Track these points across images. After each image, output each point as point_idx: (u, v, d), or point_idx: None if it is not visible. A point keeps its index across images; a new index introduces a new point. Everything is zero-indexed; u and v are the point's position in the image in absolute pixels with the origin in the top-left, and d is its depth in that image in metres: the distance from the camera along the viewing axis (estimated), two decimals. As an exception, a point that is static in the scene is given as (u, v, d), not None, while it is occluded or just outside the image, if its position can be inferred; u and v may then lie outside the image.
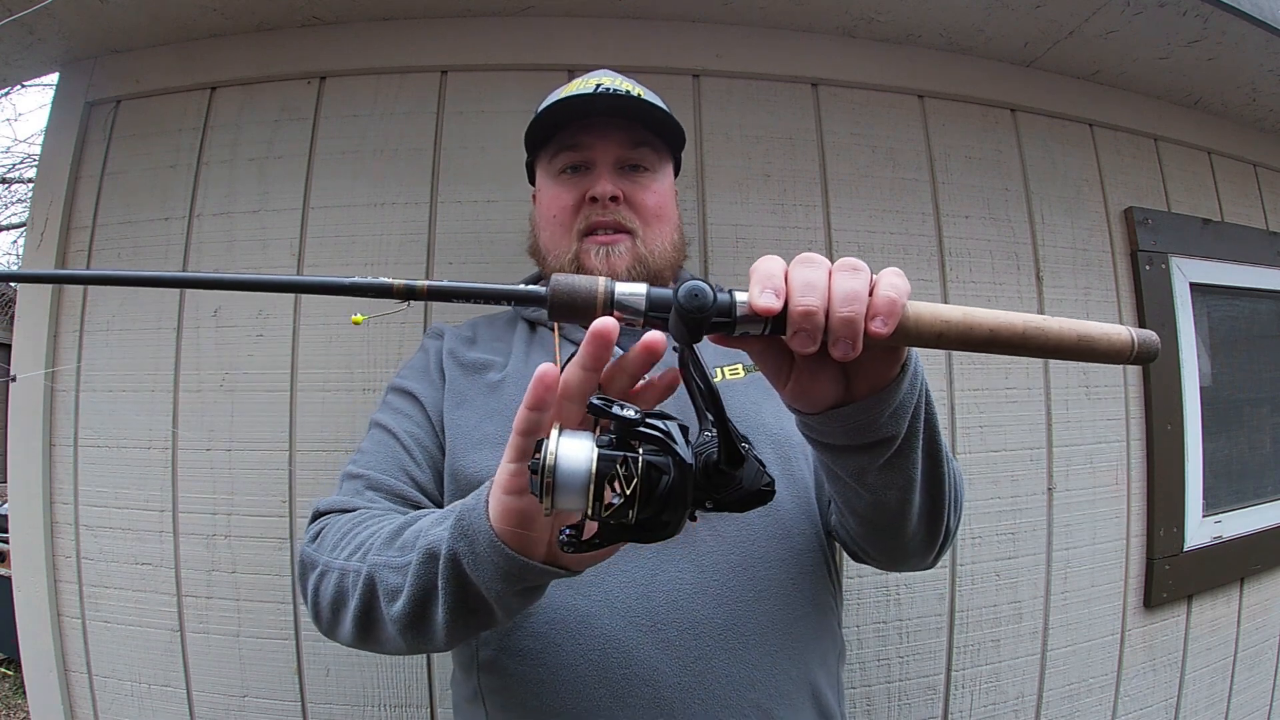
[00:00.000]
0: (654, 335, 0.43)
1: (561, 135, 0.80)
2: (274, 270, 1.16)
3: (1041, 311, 1.33)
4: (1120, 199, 1.43)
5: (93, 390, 1.19)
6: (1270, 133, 1.66)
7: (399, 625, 0.53)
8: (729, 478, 0.42)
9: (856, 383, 0.48)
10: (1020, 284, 1.33)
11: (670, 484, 0.39)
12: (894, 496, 0.55)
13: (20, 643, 1.18)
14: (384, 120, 1.20)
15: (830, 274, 0.43)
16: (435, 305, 1.14)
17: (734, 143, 1.24)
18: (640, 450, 0.40)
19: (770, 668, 0.65)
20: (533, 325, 0.84)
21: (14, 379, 1.14)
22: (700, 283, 0.42)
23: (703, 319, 0.42)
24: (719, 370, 0.77)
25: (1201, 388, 1.46)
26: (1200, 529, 1.43)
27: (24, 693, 2.26)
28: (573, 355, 0.74)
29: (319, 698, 1.11)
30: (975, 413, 1.26)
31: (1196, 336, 1.47)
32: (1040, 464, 1.30)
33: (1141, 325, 1.40)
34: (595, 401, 0.40)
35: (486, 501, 0.47)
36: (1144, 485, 1.38)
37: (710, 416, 0.43)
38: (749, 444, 0.43)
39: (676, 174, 0.89)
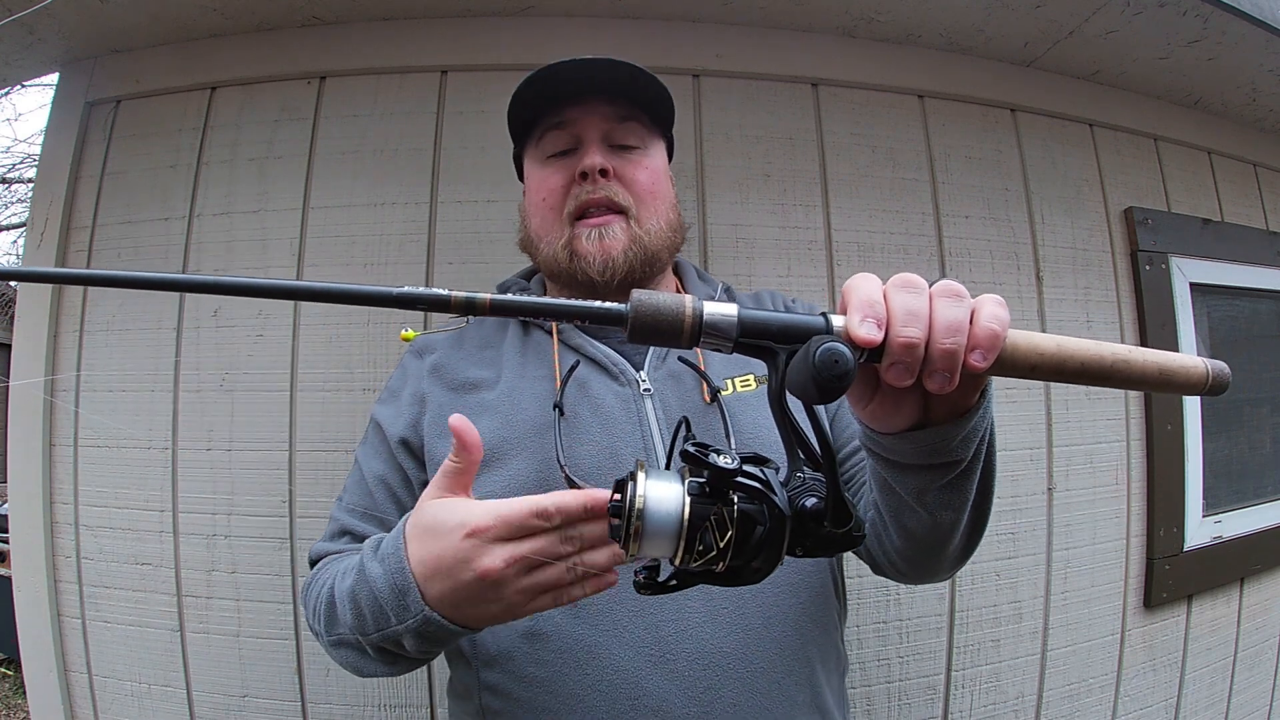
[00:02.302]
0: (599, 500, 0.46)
1: (546, 115, 0.76)
2: (274, 271, 1.16)
3: (1041, 312, 1.33)
4: (1120, 199, 1.43)
5: (93, 390, 1.19)
6: (1270, 133, 1.66)
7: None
8: (823, 525, 0.40)
9: (936, 407, 0.47)
10: (1020, 284, 1.33)
11: (765, 534, 0.38)
12: (949, 517, 0.54)
13: (20, 643, 1.18)
14: (384, 120, 1.20)
15: (931, 300, 0.40)
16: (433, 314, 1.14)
17: (734, 143, 1.24)
18: (735, 498, 0.38)
19: (779, 695, 0.65)
20: (526, 326, 0.79)
21: (10, 383, 1.13)
22: (838, 346, 0.36)
23: (841, 388, 0.36)
24: (730, 382, 0.73)
25: (1201, 388, 1.46)
26: (1200, 529, 1.43)
27: (24, 693, 2.25)
28: (576, 365, 0.73)
29: (319, 698, 1.11)
30: (975, 413, 1.26)
31: (1196, 336, 1.47)
32: (1040, 464, 1.30)
33: (1141, 325, 1.40)
34: (690, 449, 0.38)
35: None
36: (1144, 485, 1.37)
37: (803, 455, 0.42)
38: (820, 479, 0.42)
39: (670, 158, 0.84)
